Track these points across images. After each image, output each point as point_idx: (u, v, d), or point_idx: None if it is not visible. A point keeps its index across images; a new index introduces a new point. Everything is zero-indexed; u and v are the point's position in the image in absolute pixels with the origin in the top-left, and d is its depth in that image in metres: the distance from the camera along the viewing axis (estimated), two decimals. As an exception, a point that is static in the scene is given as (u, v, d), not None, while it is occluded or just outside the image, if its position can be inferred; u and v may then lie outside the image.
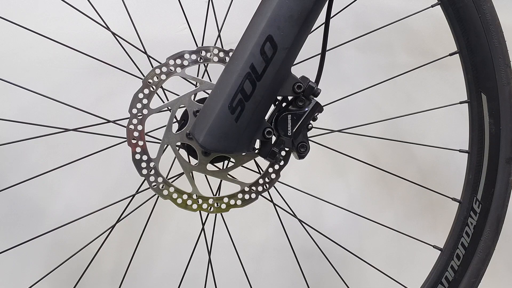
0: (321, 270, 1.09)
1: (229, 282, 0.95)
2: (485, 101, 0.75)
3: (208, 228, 0.83)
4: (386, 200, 1.19)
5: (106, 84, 1.05)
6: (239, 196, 0.69)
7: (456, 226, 0.78)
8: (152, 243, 1.08)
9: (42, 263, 1.03)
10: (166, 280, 1.09)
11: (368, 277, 1.16)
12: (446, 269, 0.77)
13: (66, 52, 0.79)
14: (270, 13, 0.58)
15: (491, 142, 0.75)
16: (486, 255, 0.76)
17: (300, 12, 0.58)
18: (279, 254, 1.13)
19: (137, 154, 0.66)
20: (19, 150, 1.01)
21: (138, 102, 0.66)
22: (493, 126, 0.75)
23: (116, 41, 0.78)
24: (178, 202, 0.68)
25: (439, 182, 1.20)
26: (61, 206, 1.04)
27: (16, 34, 0.92)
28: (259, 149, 0.66)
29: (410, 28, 1.19)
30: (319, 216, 1.16)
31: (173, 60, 0.66)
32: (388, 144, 1.15)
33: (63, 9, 0.80)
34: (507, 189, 0.76)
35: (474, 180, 0.77)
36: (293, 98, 0.65)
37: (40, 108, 1.00)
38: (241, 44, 0.61)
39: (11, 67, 1.00)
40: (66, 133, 0.78)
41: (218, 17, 0.82)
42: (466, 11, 0.72)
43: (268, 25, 0.58)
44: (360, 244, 1.18)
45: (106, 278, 1.06)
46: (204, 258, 0.83)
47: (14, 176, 1.00)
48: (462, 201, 0.78)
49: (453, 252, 0.77)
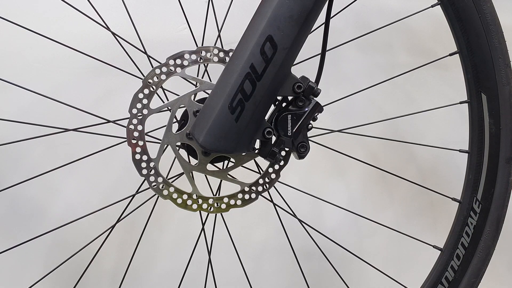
0: (321, 270, 1.09)
1: (229, 282, 0.95)
2: (485, 101, 0.75)
3: (208, 228, 0.83)
4: (386, 200, 1.19)
5: (106, 84, 1.05)
6: (239, 196, 0.69)
7: (456, 226, 0.78)
8: (152, 243, 1.08)
9: (42, 263, 1.03)
10: (166, 280, 1.09)
11: (368, 277, 1.16)
12: (446, 269, 0.77)
13: (66, 52, 0.79)
14: (270, 13, 0.58)
15: (491, 142, 0.75)
16: (486, 255, 0.76)
17: (300, 12, 0.58)
18: (279, 254, 1.13)
19: (137, 154, 0.66)
20: (19, 150, 1.01)
21: (138, 102, 0.66)
22: (493, 126, 0.75)
23: (116, 41, 0.78)
24: (178, 202, 0.68)
25: (439, 182, 1.20)
26: (61, 206, 1.04)
27: (16, 34, 0.92)
28: (259, 149, 0.66)
29: (410, 28, 1.19)
30: (319, 216, 1.16)
31: (173, 60, 0.66)
32: (388, 144, 1.15)
33: (63, 9, 0.80)
34: (507, 189, 0.76)
35: (474, 180, 0.77)
36: (293, 98, 0.65)
37: (40, 108, 1.00)
38: (241, 44, 0.61)
39: (11, 67, 1.00)
40: (66, 133, 0.78)
41: (218, 17, 0.82)
42: (466, 11, 0.72)
43: (268, 25, 0.58)
44: (360, 244, 1.18)
45: (106, 278, 1.06)
46: (204, 258, 0.83)
47: (14, 176, 1.00)
48: (462, 201, 0.78)
49: (453, 252, 0.77)
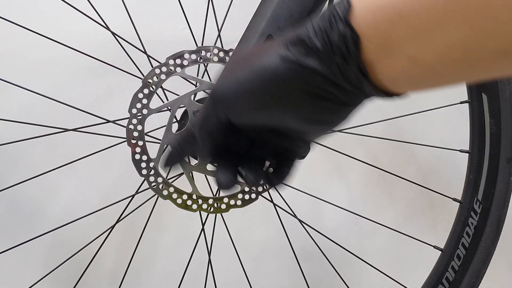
0: (321, 270, 1.09)
1: (229, 282, 0.95)
2: (485, 101, 0.75)
3: (208, 228, 0.83)
4: (386, 200, 1.19)
5: (106, 84, 1.04)
6: (239, 196, 0.69)
7: (457, 226, 0.78)
8: (152, 243, 1.08)
9: (42, 263, 1.03)
10: (166, 280, 1.08)
11: (368, 278, 1.15)
12: (446, 269, 0.77)
13: (66, 52, 0.79)
14: (270, 13, 0.58)
15: (492, 142, 0.75)
16: (487, 256, 0.75)
17: (300, 12, 0.58)
18: (279, 254, 1.13)
19: (136, 154, 0.66)
20: (19, 150, 1.01)
21: (138, 102, 0.65)
22: (493, 126, 0.75)
23: (116, 41, 0.78)
24: (178, 202, 0.68)
25: (440, 182, 1.19)
26: (61, 206, 1.04)
27: (16, 34, 0.92)
28: (259, 149, 0.66)
29: (411, 28, 1.19)
30: (319, 216, 1.16)
31: (173, 60, 0.66)
32: (389, 144, 1.15)
33: (63, 9, 0.80)
34: (508, 189, 0.75)
35: (474, 180, 0.76)
36: (293, 98, 0.65)
37: (40, 108, 1.00)
38: (241, 44, 0.61)
39: (11, 67, 1.00)
40: (66, 133, 0.78)
41: (218, 17, 0.82)
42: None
43: (268, 25, 0.58)
44: (360, 244, 1.17)
45: (106, 278, 1.06)
46: (204, 258, 0.83)
47: (13, 176, 1.00)
48: (462, 201, 0.78)
49: (453, 253, 0.77)
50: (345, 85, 0.37)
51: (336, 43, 0.35)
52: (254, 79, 0.39)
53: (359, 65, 0.35)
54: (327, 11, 0.37)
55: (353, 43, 0.34)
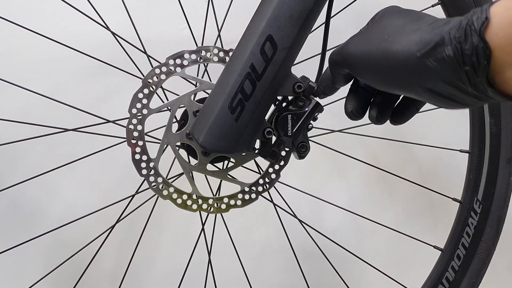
0: (321, 270, 1.09)
1: (229, 282, 0.95)
2: (485, 101, 0.74)
3: (208, 228, 0.83)
4: (386, 200, 1.19)
5: (105, 84, 1.04)
6: (239, 196, 0.69)
7: (457, 226, 0.78)
8: (152, 243, 1.08)
9: (42, 263, 1.03)
10: (166, 280, 1.08)
11: (368, 278, 1.15)
12: (446, 269, 0.77)
13: (66, 52, 0.79)
14: (270, 13, 0.58)
15: (492, 142, 0.75)
16: (487, 256, 0.75)
17: (300, 11, 0.58)
18: (279, 254, 1.13)
19: (136, 154, 0.66)
20: (19, 150, 1.01)
21: (138, 102, 0.65)
22: (493, 126, 0.75)
23: (116, 41, 0.78)
24: (178, 202, 0.68)
25: (440, 182, 1.19)
26: (61, 206, 1.04)
27: (16, 34, 0.92)
28: (259, 149, 0.66)
29: (411, 28, 1.18)
30: (319, 216, 1.16)
31: (173, 60, 0.66)
32: (389, 144, 1.15)
33: (63, 9, 0.80)
34: (508, 189, 0.76)
35: (474, 180, 0.76)
36: (293, 98, 0.65)
37: (40, 108, 1.00)
38: (241, 44, 0.61)
39: (11, 67, 1.00)
40: (66, 133, 0.78)
41: (218, 17, 0.82)
42: (467, 11, 0.72)
43: (268, 24, 0.58)
44: (360, 244, 1.17)
45: (106, 278, 1.06)
46: (204, 258, 0.83)
47: (13, 176, 1.00)
48: (462, 201, 0.78)
49: (453, 253, 0.77)
50: (469, 89, 0.40)
51: (469, 54, 0.37)
52: (382, 59, 0.45)
53: (487, 76, 0.37)
54: (465, 19, 0.38)
55: (484, 56, 0.36)
